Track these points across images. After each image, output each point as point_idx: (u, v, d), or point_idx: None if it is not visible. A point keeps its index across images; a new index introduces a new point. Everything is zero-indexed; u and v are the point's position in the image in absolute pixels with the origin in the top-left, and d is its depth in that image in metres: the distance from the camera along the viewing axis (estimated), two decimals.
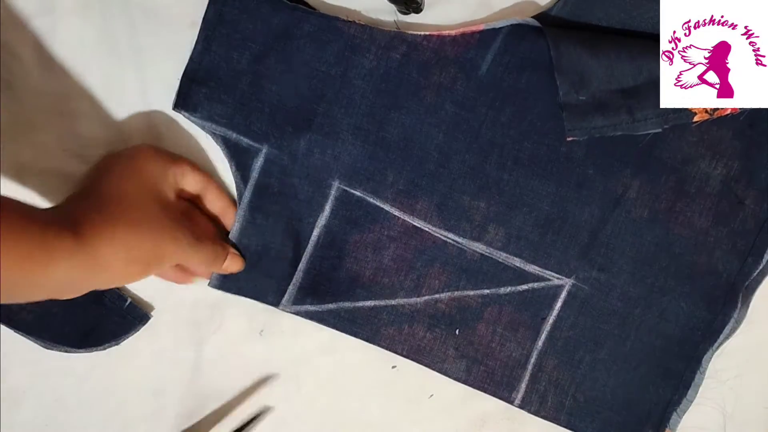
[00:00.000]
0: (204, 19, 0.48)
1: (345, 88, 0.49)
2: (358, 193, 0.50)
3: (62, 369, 0.52)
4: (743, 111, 0.47)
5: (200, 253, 0.47)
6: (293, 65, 0.48)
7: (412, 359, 0.52)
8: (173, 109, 0.49)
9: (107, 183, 0.45)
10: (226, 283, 0.51)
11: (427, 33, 0.48)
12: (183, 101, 0.48)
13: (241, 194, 0.50)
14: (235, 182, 0.50)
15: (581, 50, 0.46)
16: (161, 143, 0.50)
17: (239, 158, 0.50)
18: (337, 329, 0.52)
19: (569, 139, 0.47)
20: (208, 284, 0.51)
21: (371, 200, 0.50)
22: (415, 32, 0.48)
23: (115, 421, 0.53)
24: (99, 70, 0.50)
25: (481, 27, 0.48)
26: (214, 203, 0.50)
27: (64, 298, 0.42)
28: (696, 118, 0.47)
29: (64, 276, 0.39)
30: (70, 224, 0.40)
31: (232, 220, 0.50)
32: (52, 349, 0.51)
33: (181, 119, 0.50)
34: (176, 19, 0.49)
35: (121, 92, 0.50)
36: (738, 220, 0.50)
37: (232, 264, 0.50)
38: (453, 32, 0.48)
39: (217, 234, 0.50)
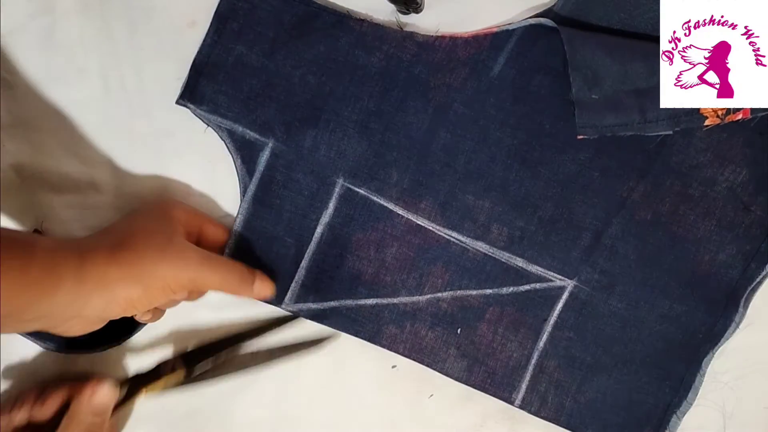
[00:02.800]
0: (216, 12, 0.48)
1: (353, 85, 0.49)
2: (362, 192, 0.50)
3: (62, 369, 0.52)
4: (754, 117, 0.47)
5: (216, 272, 0.45)
6: (302, 61, 0.48)
7: (413, 359, 0.52)
8: (177, 102, 0.49)
9: (119, 221, 0.47)
10: None
11: (440, 34, 0.48)
12: (190, 94, 0.49)
13: (246, 187, 0.50)
14: (241, 176, 0.50)
15: (596, 48, 0.46)
16: (160, 141, 0.50)
17: (245, 152, 0.49)
18: (339, 329, 0.51)
19: (580, 137, 0.47)
20: None
21: (375, 198, 0.50)
22: (427, 33, 0.48)
23: None
24: (99, 69, 0.50)
25: (494, 29, 0.48)
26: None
27: (69, 333, 0.43)
28: (707, 122, 0.47)
29: (67, 298, 0.40)
30: (77, 249, 0.41)
31: None
32: (52, 350, 0.51)
33: (182, 117, 0.50)
34: (176, 19, 0.49)
35: (121, 91, 0.50)
36: (743, 226, 0.50)
37: (263, 287, 0.48)
38: (465, 34, 0.48)
39: (242, 265, 0.48)
